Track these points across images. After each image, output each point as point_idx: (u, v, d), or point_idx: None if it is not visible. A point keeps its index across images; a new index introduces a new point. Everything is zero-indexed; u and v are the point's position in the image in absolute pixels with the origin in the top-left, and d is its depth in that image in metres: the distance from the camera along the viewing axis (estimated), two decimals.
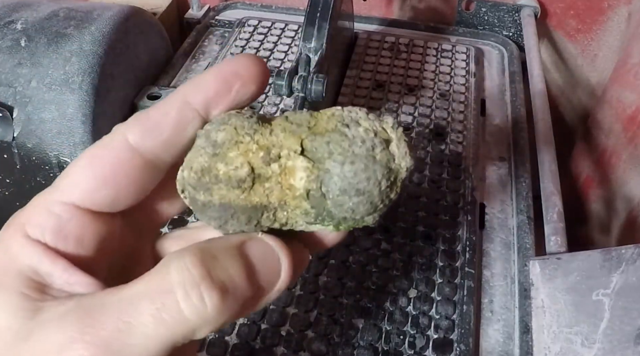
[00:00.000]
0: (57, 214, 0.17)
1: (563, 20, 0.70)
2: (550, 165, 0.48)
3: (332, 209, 0.17)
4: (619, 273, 0.35)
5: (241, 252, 0.16)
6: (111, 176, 0.17)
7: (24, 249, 0.16)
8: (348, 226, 0.18)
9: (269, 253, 0.17)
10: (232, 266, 0.15)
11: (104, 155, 0.17)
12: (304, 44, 0.46)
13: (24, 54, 0.48)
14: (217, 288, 0.15)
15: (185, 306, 0.14)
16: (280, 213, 0.17)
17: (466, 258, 0.42)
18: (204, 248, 0.16)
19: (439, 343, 0.37)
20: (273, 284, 0.16)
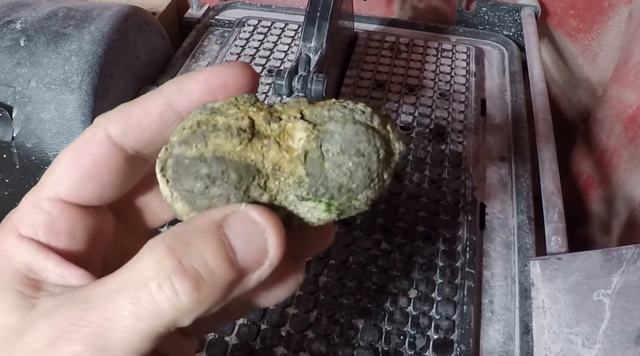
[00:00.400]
0: (47, 211, 0.17)
1: (563, 19, 0.70)
2: (550, 165, 0.48)
3: (329, 172, 0.16)
4: (620, 273, 0.35)
5: (218, 232, 0.15)
6: (95, 170, 0.17)
7: (17, 248, 0.17)
8: (340, 205, 0.17)
9: (252, 228, 0.15)
10: (207, 250, 0.14)
11: (86, 150, 0.17)
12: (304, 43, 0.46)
13: (23, 54, 0.48)
14: (190, 277, 0.14)
15: (159, 298, 0.14)
16: (272, 182, 0.16)
17: (466, 258, 0.42)
18: (178, 233, 0.15)
19: (439, 343, 0.37)
20: (259, 262, 0.15)
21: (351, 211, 0.17)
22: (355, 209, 0.17)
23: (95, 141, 0.17)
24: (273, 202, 0.16)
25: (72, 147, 0.17)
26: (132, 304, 0.14)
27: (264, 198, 0.16)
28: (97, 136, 0.17)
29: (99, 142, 0.17)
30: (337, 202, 0.17)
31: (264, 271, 0.15)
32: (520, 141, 0.53)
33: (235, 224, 0.15)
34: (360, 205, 0.17)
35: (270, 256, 0.15)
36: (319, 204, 0.16)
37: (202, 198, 0.16)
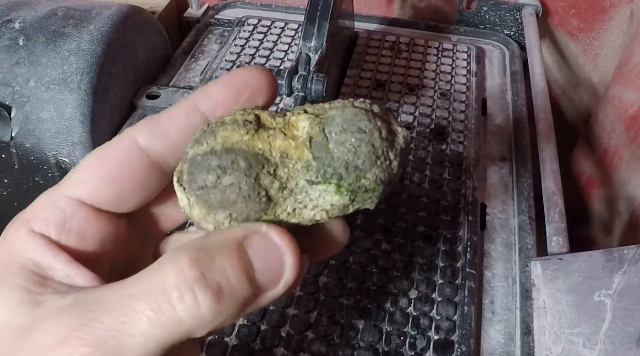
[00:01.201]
0: (62, 208, 0.17)
1: (565, 19, 0.70)
2: (551, 165, 0.48)
3: (334, 151, 0.17)
4: (621, 274, 0.35)
5: (240, 249, 0.15)
6: (117, 174, 0.17)
7: (26, 243, 0.17)
8: (350, 185, 0.17)
9: (272, 250, 0.16)
10: (229, 265, 0.15)
11: (111, 154, 0.18)
12: (304, 43, 0.46)
13: (22, 53, 0.47)
14: (211, 290, 0.14)
15: (179, 308, 0.14)
16: (281, 170, 0.17)
17: (467, 259, 0.42)
18: (201, 246, 0.15)
19: (439, 344, 0.37)
20: (275, 283, 0.16)
21: (363, 194, 0.17)
22: (366, 191, 0.17)
23: (121, 145, 0.18)
24: (284, 189, 0.17)
25: (98, 151, 0.18)
26: (152, 310, 0.14)
27: (274, 186, 0.17)
28: (124, 141, 0.18)
29: (125, 147, 0.18)
30: (346, 182, 0.17)
31: (278, 290, 0.16)
32: (521, 141, 0.53)
33: (256, 244, 0.16)
34: (370, 185, 0.17)
35: (286, 277, 0.16)
36: (329, 186, 0.17)
37: (216, 191, 0.16)
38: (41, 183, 0.48)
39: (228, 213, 0.17)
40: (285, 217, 0.17)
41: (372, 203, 0.18)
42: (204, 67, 0.61)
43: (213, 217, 0.17)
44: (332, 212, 0.17)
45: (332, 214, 0.17)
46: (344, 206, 0.17)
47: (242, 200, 0.16)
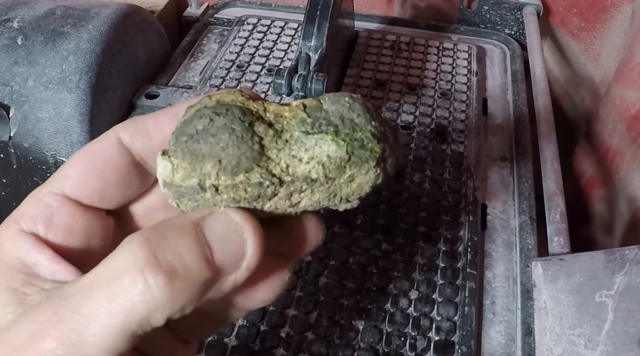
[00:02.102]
0: (48, 204, 0.17)
1: (566, 18, 0.70)
2: (552, 165, 0.48)
3: (329, 109, 0.17)
4: (623, 274, 0.35)
5: (196, 229, 0.15)
6: (100, 168, 0.18)
7: (14, 243, 0.17)
8: (346, 135, 0.16)
9: (231, 229, 0.15)
10: (182, 245, 0.14)
11: (95, 149, 0.18)
12: (303, 42, 0.46)
13: (21, 53, 0.47)
14: (163, 271, 0.14)
15: (132, 292, 0.13)
16: (277, 124, 0.16)
17: (468, 259, 0.42)
18: (156, 227, 0.15)
19: (440, 345, 0.37)
20: (237, 265, 0.15)
21: (360, 151, 0.16)
22: (363, 147, 0.16)
23: (104, 141, 0.18)
24: (278, 138, 0.16)
25: (84, 148, 0.18)
26: (105, 299, 0.13)
27: (269, 133, 0.16)
28: (108, 138, 0.18)
29: (108, 142, 0.18)
30: (342, 132, 0.16)
31: (241, 273, 0.15)
32: (522, 141, 0.53)
33: (213, 224, 0.15)
34: (367, 141, 0.16)
35: (248, 259, 0.15)
36: (325, 135, 0.16)
37: (206, 135, 0.15)
38: (40, 182, 0.47)
39: (217, 160, 0.15)
40: (278, 172, 0.16)
41: (371, 170, 0.17)
42: (204, 66, 0.61)
43: (199, 170, 0.15)
44: (329, 168, 0.16)
45: (329, 171, 0.16)
46: (341, 162, 0.16)
47: (234, 143, 0.15)
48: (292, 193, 0.16)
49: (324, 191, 0.16)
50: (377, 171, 0.17)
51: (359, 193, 0.17)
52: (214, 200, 0.16)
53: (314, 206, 0.17)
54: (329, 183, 0.16)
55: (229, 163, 0.15)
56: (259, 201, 0.16)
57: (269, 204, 0.16)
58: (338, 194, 0.17)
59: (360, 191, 0.17)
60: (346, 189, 0.17)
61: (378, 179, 0.17)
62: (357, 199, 0.17)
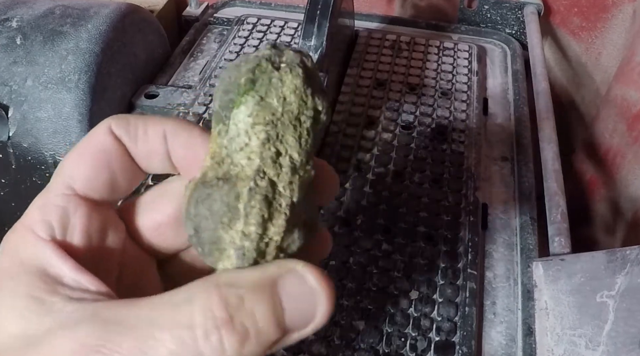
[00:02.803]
0: (62, 207, 0.17)
1: (567, 17, 0.69)
2: (553, 164, 0.47)
3: (214, 105, 0.17)
4: (624, 275, 0.35)
5: (272, 292, 0.15)
6: (105, 158, 0.18)
7: (32, 250, 0.16)
8: (235, 95, 0.17)
9: (306, 293, 0.15)
10: (259, 310, 0.14)
11: (94, 142, 0.18)
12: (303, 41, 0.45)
13: (20, 52, 0.47)
14: (238, 334, 0.14)
15: (204, 346, 0.14)
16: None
17: (468, 259, 0.42)
18: (233, 283, 0.15)
19: (440, 345, 0.37)
20: (305, 326, 0.15)
21: (258, 74, 0.17)
22: (254, 73, 0.17)
23: (100, 133, 0.18)
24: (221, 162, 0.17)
25: (79, 145, 0.18)
26: (174, 344, 0.14)
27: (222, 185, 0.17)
28: (101, 129, 0.18)
29: (104, 134, 0.18)
30: (229, 100, 0.17)
31: (307, 332, 0.16)
32: (523, 141, 0.53)
33: (290, 286, 0.15)
34: (246, 73, 0.16)
35: (317, 321, 0.15)
36: (232, 114, 0.17)
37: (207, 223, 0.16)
38: (39, 182, 0.47)
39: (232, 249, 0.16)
40: (249, 174, 0.16)
41: (283, 73, 0.16)
42: (203, 66, 0.61)
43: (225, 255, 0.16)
44: (256, 116, 0.16)
45: (260, 117, 0.16)
46: (255, 103, 0.16)
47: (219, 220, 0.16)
48: (277, 157, 0.16)
49: (284, 127, 0.16)
50: (289, 71, 0.16)
51: (302, 96, 0.17)
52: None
53: (304, 151, 0.17)
54: (275, 121, 0.16)
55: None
56: (272, 213, 0.16)
57: (282, 183, 0.16)
58: (296, 117, 0.16)
59: (302, 96, 0.16)
60: (288, 98, 0.16)
61: (297, 77, 0.16)
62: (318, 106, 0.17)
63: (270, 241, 0.16)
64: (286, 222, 0.16)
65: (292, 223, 0.16)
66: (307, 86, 0.16)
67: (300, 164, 0.16)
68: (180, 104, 0.54)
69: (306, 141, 0.16)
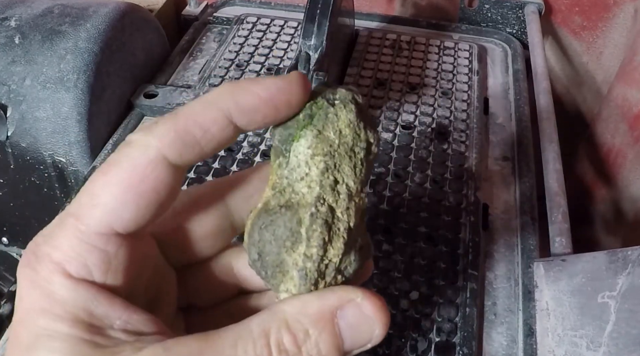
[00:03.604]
0: (102, 249, 0.16)
1: (568, 17, 0.69)
2: (554, 164, 0.47)
3: (274, 139, 0.19)
4: (625, 275, 0.35)
5: (332, 322, 0.16)
6: (155, 198, 0.16)
7: (73, 292, 0.15)
8: (295, 130, 0.18)
9: (364, 322, 0.17)
10: (322, 341, 0.16)
11: (141, 177, 0.16)
12: (303, 41, 0.45)
13: (18, 52, 0.47)
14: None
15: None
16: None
17: (469, 260, 0.41)
18: (297, 319, 0.16)
19: (441, 346, 0.37)
20: (364, 346, 0.17)
21: (316, 109, 0.18)
22: (316, 109, 0.18)
23: (149, 163, 0.16)
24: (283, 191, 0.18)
25: (121, 172, 0.16)
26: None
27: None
28: (151, 158, 0.16)
29: (155, 165, 0.16)
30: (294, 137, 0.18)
31: (362, 350, 0.17)
32: (524, 141, 0.53)
33: (348, 316, 0.17)
34: (307, 111, 0.18)
35: (372, 342, 0.17)
36: (291, 148, 0.18)
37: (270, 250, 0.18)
38: (37, 183, 0.47)
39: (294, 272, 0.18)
40: (310, 201, 0.18)
41: (338, 109, 0.18)
42: (203, 65, 0.60)
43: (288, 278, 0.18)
44: (318, 151, 0.18)
45: (319, 151, 0.18)
46: (315, 136, 0.18)
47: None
48: (335, 189, 0.18)
49: (341, 157, 0.18)
50: (343, 107, 0.18)
51: (357, 132, 0.18)
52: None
53: (359, 179, 0.18)
54: (332, 153, 0.18)
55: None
56: (331, 238, 0.17)
57: (340, 209, 0.18)
58: (351, 148, 0.18)
59: (356, 129, 0.18)
60: (347, 139, 0.18)
61: (351, 112, 0.18)
62: (370, 140, 0.18)
63: (330, 262, 0.17)
64: (344, 245, 0.17)
65: (349, 246, 0.17)
66: (359, 120, 0.18)
67: (356, 192, 0.18)
68: (179, 103, 0.53)
69: (360, 171, 0.18)
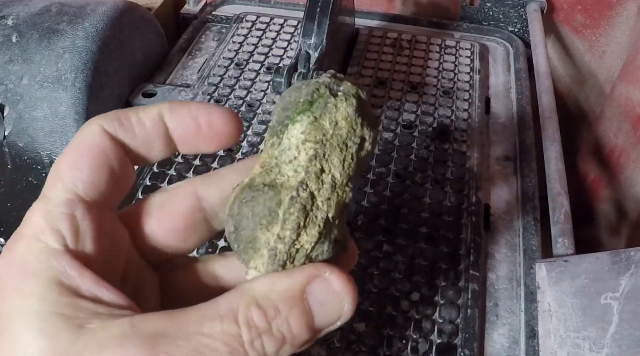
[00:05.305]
0: (70, 214, 0.16)
1: (570, 15, 0.69)
2: (557, 164, 0.47)
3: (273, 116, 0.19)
4: (628, 276, 0.34)
5: (302, 299, 0.17)
6: (106, 161, 0.17)
7: (44, 264, 0.16)
8: (293, 113, 0.18)
9: (333, 297, 0.17)
10: (292, 317, 0.16)
11: (89, 145, 0.17)
12: (303, 40, 0.45)
13: (15, 51, 0.47)
14: (276, 339, 0.16)
15: (250, 351, 0.16)
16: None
17: (470, 261, 0.41)
18: (267, 297, 0.16)
19: (442, 348, 0.36)
20: (332, 324, 0.17)
21: (315, 97, 0.18)
22: (312, 96, 0.19)
23: (90, 133, 0.18)
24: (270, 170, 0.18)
25: (70, 149, 0.17)
26: (228, 351, 0.15)
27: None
28: (91, 129, 0.18)
29: (98, 134, 0.18)
30: (292, 118, 0.18)
31: (333, 328, 0.17)
32: (526, 140, 0.52)
33: (317, 291, 0.17)
34: (306, 92, 0.18)
35: (342, 319, 0.17)
36: (286, 128, 0.18)
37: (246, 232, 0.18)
38: (35, 183, 0.47)
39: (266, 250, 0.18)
40: (293, 184, 0.18)
41: (338, 101, 0.18)
42: (202, 64, 0.60)
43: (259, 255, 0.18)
44: (311, 135, 0.18)
45: (312, 137, 0.18)
46: (312, 122, 0.18)
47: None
48: (320, 176, 0.18)
49: (332, 148, 0.18)
50: (344, 99, 0.18)
51: (355, 125, 0.18)
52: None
53: (346, 173, 0.18)
54: (324, 141, 0.18)
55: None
56: (308, 219, 0.18)
57: (322, 198, 0.18)
58: (343, 141, 0.18)
59: (353, 124, 0.18)
60: (341, 129, 0.18)
61: (351, 106, 0.18)
62: (365, 135, 0.18)
63: (301, 248, 0.17)
64: (319, 234, 0.17)
65: (324, 235, 0.18)
66: (358, 115, 0.18)
67: (340, 184, 0.18)
68: None
69: (349, 165, 0.18)
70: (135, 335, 0.15)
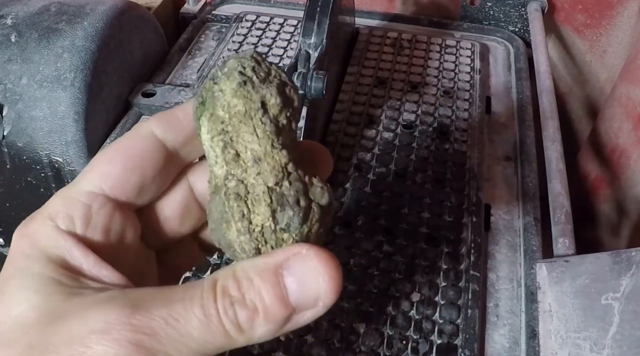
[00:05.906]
0: (87, 204, 0.18)
1: (571, 15, 0.69)
2: (557, 164, 0.47)
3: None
4: (629, 276, 0.34)
5: (276, 273, 0.17)
6: (139, 165, 0.18)
7: (54, 240, 0.17)
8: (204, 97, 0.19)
9: (309, 274, 0.17)
10: (264, 289, 0.17)
11: (132, 145, 0.19)
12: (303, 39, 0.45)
13: (14, 50, 0.46)
14: (248, 309, 0.16)
15: (224, 319, 0.16)
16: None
17: (471, 261, 0.41)
18: (245, 270, 0.17)
19: (442, 348, 0.36)
20: (313, 304, 0.17)
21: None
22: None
23: (139, 136, 0.19)
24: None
25: (117, 144, 0.19)
26: (203, 315, 0.16)
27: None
28: (141, 132, 0.19)
29: (144, 137, 0.19)
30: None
31: (319, 310, 0.17)
32: (527, 140, 0.52)
33: (293, 267, 0.17)
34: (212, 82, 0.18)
35: (324, 299, 0.17)
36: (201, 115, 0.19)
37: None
38: (34, 183, 0.47)
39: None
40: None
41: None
42: (201, 64, 0.60)
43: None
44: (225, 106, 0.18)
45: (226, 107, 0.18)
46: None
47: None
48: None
49: (235, 128, 0.18)
50: (226, 79, 0.18)
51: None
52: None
53: (267, 137, 0.18)
54: (225, 128, 0.18)
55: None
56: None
57: (252, 176, 0.18)
58: (244, 115, 0.18)
59: (245, 94, 0.18)
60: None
61: (234, 80, 0.18)
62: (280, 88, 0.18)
63: (264, 227, 0.17)
64: (269, 206, 0.17)
65: (278, 203, 0.17)
66: (245, 83, 0.18)
67: (265, 152, 0.18)
68: (177, 102, 0.53)
69: (264, 130, 0.18)
70: (120, 298, 0.16)
